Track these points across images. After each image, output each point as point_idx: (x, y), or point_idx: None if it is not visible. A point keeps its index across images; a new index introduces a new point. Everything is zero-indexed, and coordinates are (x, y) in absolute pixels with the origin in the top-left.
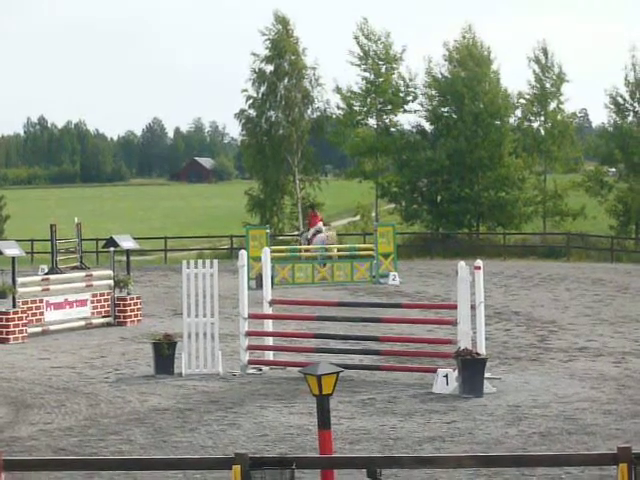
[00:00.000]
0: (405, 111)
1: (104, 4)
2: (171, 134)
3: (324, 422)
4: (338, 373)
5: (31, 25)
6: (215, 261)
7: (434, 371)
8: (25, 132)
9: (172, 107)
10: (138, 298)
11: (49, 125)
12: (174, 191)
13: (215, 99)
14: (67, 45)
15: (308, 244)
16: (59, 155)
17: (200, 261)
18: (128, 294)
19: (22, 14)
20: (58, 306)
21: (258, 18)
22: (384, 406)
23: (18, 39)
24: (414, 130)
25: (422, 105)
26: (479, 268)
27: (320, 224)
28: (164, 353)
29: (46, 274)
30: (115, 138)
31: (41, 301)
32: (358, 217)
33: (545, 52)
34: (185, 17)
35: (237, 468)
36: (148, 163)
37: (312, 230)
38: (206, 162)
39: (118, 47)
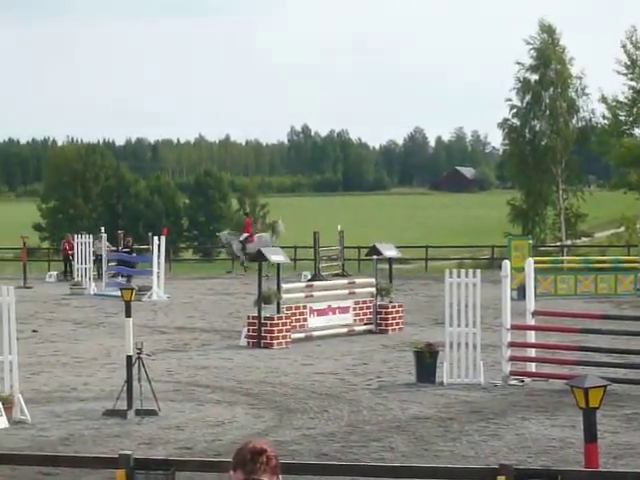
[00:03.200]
0: None
1: (371, 22)
2: (432, 143)
3: (590, 435)
4: (605, 387)
5: (296, 42)
6: (478, 271)
7: None
8: (289, 141)
9: (434, 116)
10: (400, 306)
11: (312, 134)
12: (435, 200)
13: (477, 108)
14: (329, 57)
15: (243, 248)
16: (322, 164)
17: (463, 271)
18: (390, 302)
19: (283, 31)
20: (321, 312)
21: (523, 27)
22: None
23: (281, 53)
24: None
25: None
26: None
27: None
28: (426, 362)
29: (309, 281)
30: (377, 147)
31: (304, 307)
32: (622, 229)
33: None
34: (449, 27)
35: (502, 479)
36: (409, 172)
37: (245, 235)
38: (467, 171)
39: (384, 60)
